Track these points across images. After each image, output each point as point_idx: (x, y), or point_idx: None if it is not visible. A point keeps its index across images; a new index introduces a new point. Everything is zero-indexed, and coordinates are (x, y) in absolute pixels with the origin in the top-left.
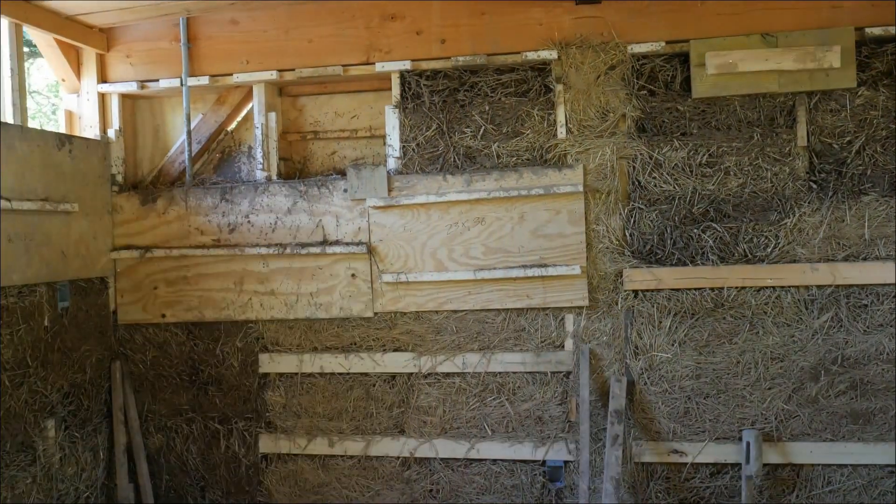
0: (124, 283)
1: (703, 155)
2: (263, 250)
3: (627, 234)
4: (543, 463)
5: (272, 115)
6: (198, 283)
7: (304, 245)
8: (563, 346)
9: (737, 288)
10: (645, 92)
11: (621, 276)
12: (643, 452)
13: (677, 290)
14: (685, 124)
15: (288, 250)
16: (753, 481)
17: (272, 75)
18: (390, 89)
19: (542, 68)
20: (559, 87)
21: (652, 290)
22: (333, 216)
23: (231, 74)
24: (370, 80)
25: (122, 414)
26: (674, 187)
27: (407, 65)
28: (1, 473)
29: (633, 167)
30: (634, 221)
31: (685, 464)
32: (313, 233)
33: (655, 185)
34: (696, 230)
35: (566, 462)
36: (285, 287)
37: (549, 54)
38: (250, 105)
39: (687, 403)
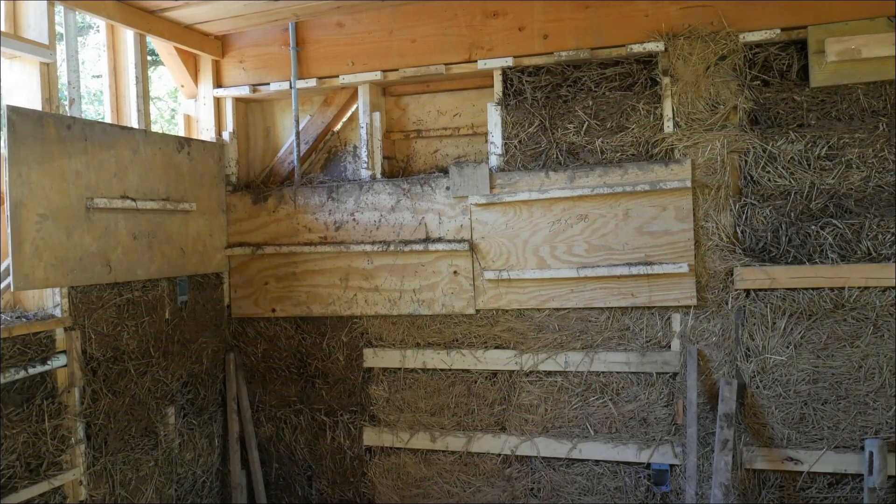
0: (237, 278)
1: (823, 147)
2: (368, 247)
3: (738, 231)
4: (648, 466)
5: (376, 115)
6: (305, 279)
7: (407, 242)
8: (670, 347)
9: (859, 288)
10: (758, 82)
11: (732, 275)
12: (755, 459)
13: (793, 289)
14: (802, 115)
15: (391, 247)
16: (877, 494)
17: (376, 76)
18: (492, 86)
19: (647, 61)
20: (666, 80)
21: (765, 290)
22: (436, 214)
23: (337, 76)
24: (472, 77)
25: (236, 404)
26: (789, 182)
27: (509, 61)
28: (128, 456)
29: (745, 161)
30: (746, 218)
31: (800, 472)
32: (416, 230)
33: (769, 180)
34: (813, 227)
35: (672, 466)
36: (389, 283)
37: (656, 46)
38: (355, 105)
39: (803, 409)
